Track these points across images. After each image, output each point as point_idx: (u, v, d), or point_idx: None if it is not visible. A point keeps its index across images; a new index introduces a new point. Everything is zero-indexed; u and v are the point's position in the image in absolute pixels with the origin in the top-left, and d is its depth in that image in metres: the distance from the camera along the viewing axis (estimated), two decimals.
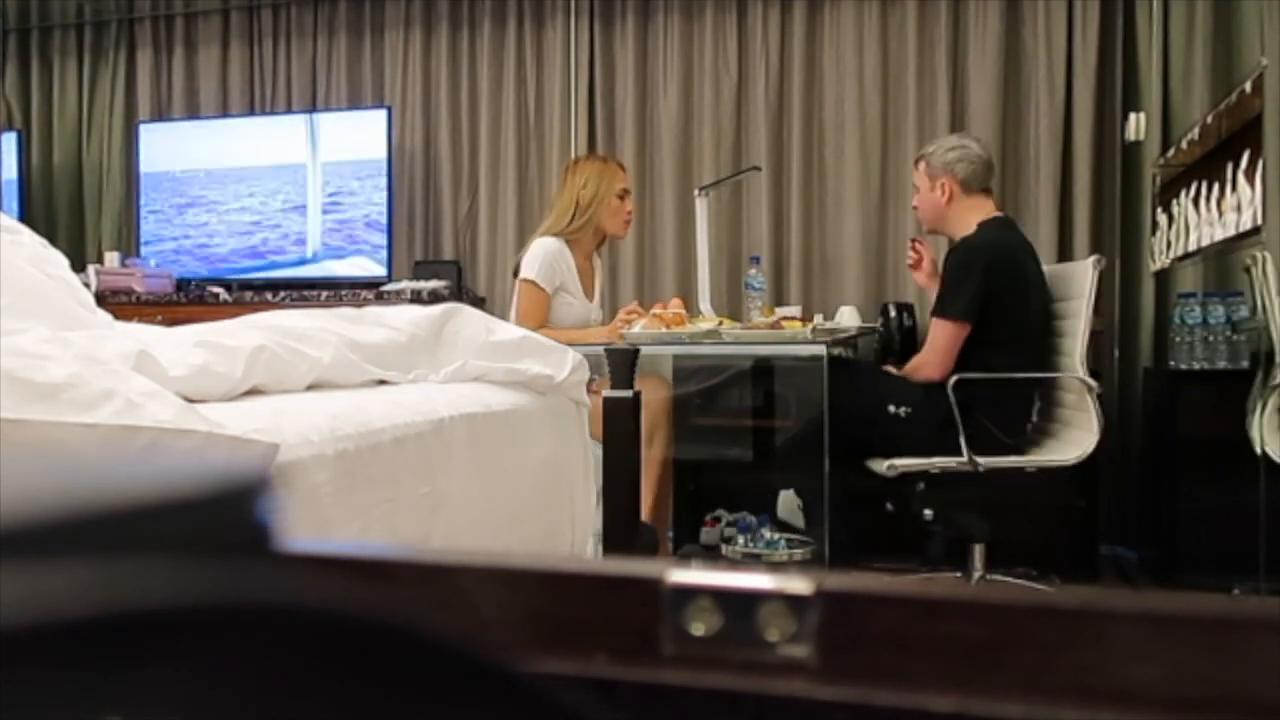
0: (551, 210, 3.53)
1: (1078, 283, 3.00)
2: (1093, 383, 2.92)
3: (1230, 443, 2.89)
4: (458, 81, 4.58)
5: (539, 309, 3.33)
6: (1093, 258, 3.01)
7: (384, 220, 4.43)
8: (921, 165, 3.20)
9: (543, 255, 3.35)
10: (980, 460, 2.84)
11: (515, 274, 3.51)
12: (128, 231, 4.93)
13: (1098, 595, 0.32)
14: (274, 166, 4.58)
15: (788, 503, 3.59)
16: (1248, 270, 2.92)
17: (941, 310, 3.02)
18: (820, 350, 3.01)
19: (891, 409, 2.97)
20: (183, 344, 1.49)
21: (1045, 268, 3.34)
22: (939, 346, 3.00)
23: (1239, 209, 2.69)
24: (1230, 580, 2.83)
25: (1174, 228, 3.34)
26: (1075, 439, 2.94)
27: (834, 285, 4.11)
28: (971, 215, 3.11)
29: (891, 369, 3.22)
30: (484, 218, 4.53)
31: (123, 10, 4.97)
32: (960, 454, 2.84)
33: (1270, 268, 2.84)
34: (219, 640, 0.21)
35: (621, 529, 2.13)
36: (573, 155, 4.33)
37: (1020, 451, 2.97)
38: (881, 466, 2.89)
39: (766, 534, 3.39)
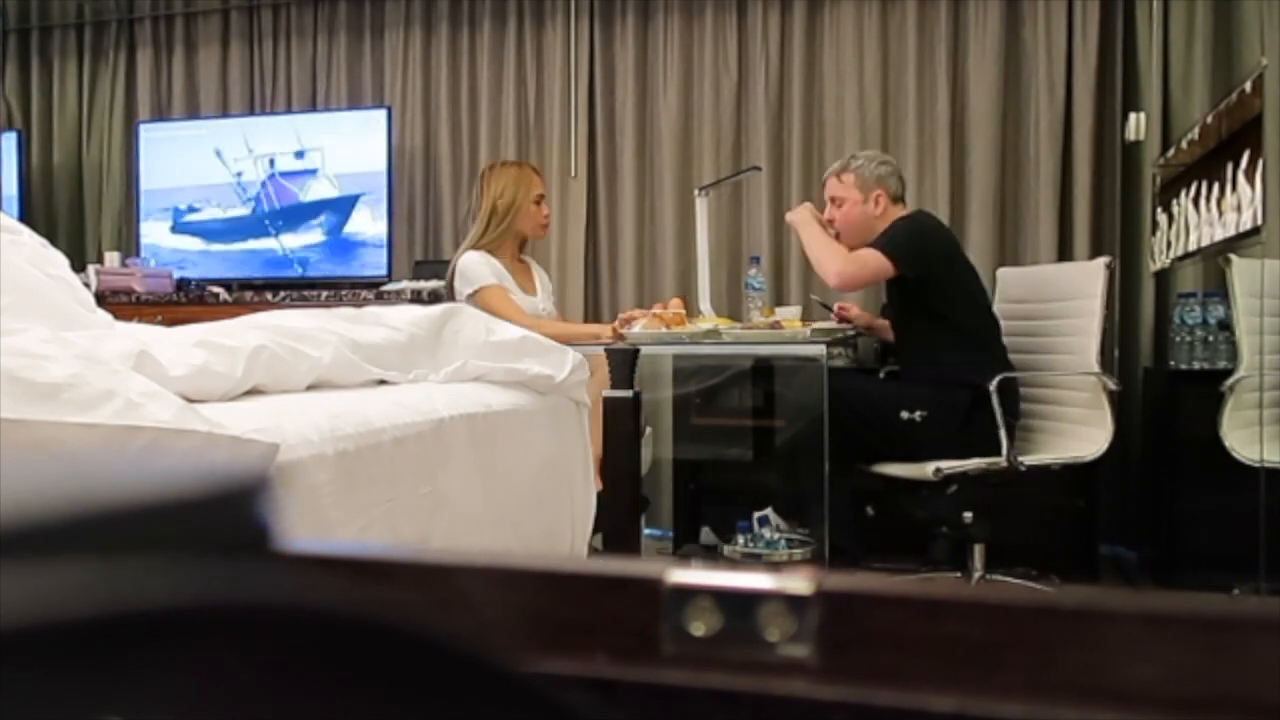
0: (475, 220, 3.56)
1: (1086, 282, 3.02)
2: (1110, 382, 2.94)
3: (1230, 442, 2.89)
4: (458, 81, 4.58)
5: (514, 307, 3.32)
6: (1103, 259, 3.04)
7: (384, 220, 4.43)
8: (849, 177, 3.18)
9: (475, 264, 3.37)
10: (1003, 459, 2.83)
11: (449, 295, 3.45)
12: (128, 231, 4.93)
13: (1098, 595, 0.32)
14: (273, 167, 4.57)
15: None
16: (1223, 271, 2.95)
17: (879, 242, 3.02)
18: (819, 350, 3.01)
19: (905, 415, 2.96)
20: (183, 344, 1.49)
21: (1047, 267, 3.33)
22: (857, 264, 3.00)
23: (1239, 209, 2.69)
24: (1230, 580, 2.83)
25: (1174, 228, 3.34)
26: (1089, 436, 2.94)
27: None
28: (893, 217, 3.17)
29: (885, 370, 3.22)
30: None
31: (123, 10, 4.97)
32: (984, 453, 2.85)
33: (1235, 273, 2.86)
34: (219, 640, 0.21)
35: (622, 529, 2.13)
36: (572, 155, 4.34)
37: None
38: (927, 470, 2.87)
39: (766, 534, 3.39)
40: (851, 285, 3.05)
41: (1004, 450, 2.82)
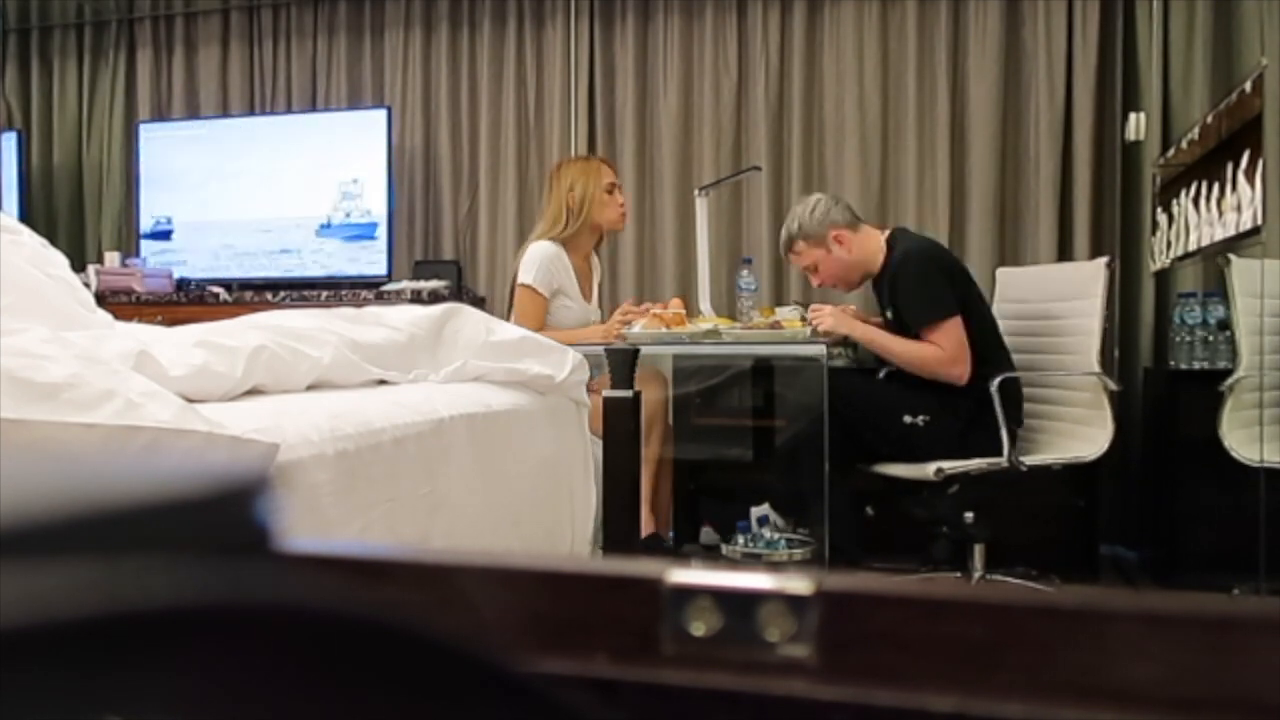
0: (543, 216, 3.52)
1: (1086, 283, 3.02)
2: (1110, 382, 2.94)
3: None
4: (458, 81, 4.58)
5: (536, 313, 3.32)
6: (1103, 259, 3.05)
7: (384, 220, 4.43)
8: (800, 244, 3.16)
9: (540, 259, 3.34)
10: (1006, 459, 2.83)
11: (513, 281, 3.50)
12: (128, 231, 4.93)
13: (1098, 595, 0.32)
14: (273, 166, 4.57)
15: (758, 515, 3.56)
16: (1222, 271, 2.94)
17: (933, 316, 2.95)
18: (819, 350, 3.01)
19: (908, 419, 2.95)
20: (183, 344, 1.49)
21: (1047, 267, 3.32)
22: (953, 345, 2.93)
23: (1239, 209, 2.69)
24: (1230, 580, 2.83)
25: (1174, 228, 3.34)
26: (1089, 436, 2.94)
27: None
28: (873, 241, 3.14)
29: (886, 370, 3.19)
30: (484, 218, 4.52)
31: (123, 10, 4.97)
32: (984, 456, 2.85)
33: (1235, 273, 2.86)
34: (219, 640, 0.21)
35: (621, 529, 2.13)
36: (572, 155, 4.33)
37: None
38: (928, 471, 2.85)
39: (766, 534, 3.39)
40: (968, 360, 2.92)
41: (1005, 451, 2.82)
